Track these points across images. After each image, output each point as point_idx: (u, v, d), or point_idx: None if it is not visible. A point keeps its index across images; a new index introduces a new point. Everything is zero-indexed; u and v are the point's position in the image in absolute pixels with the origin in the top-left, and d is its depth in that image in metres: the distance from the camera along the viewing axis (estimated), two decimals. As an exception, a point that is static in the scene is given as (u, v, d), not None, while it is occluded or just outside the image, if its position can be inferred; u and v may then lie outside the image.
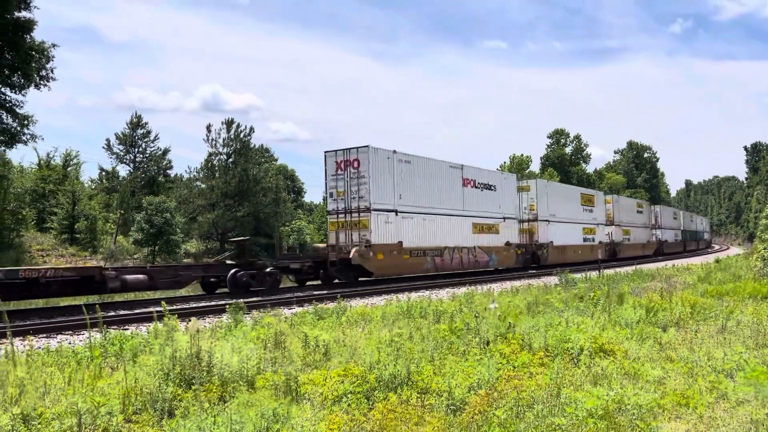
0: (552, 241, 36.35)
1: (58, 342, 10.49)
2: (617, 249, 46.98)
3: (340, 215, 23.70)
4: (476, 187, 29.70)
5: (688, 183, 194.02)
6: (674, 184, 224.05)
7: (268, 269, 20.11)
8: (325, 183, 24.65)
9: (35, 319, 13.67)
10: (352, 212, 23.38)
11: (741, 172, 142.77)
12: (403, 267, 24.54)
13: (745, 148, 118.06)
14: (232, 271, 18.91)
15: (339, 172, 23.85)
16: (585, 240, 41.79)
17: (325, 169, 24.41)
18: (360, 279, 23.64)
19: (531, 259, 34.86)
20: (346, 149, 23.72)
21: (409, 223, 24.85)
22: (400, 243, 24.13)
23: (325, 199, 24.60)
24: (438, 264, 26.37)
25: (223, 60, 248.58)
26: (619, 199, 51.64)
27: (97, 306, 12.49)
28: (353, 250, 22.26)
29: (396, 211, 24.18)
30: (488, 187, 30.78)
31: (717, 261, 30.98)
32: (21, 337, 10.55)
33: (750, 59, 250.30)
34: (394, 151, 24.61)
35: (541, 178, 51.35)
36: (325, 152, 24.54)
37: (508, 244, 31.80)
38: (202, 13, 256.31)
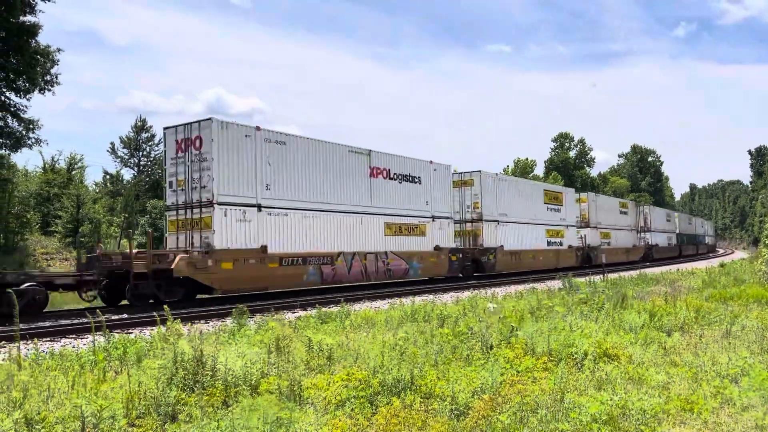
0: (502, 245, 31.15)
1: (62, 345, 10.50)
2: (594, 254, 41.94)
3: (180, 211, 18.36)
4: (392, 179, 24.44)
5: (692, 187, 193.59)
6: (679, 188, 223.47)
7: (22, 285, 14.38)
8: (164, 169, 19.23)
9: (39, 322, 13.69)
10: (193, 207, 18.04)
11: (746, 176, 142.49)
12: (269, 279, 18.95)
13: (750, 152, 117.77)
14: None
15: (179, 154, 18.43)
16: (550, 244, 36.53)
17: (165, 151, 19.09)
18: (199, 297, 18.55)
19: (473, 266, 29.81)
20: (188, 124, 18.42)
21: (279, 222, 19.46)
22: (264, 248, 18.65)
23: (164, 189, 19.06)
24: (328, 274, 21.02)
25: (227, 63, 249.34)
26: (597, 197, 46.50)
27: (97, 311, 12.50)
28: (177, 258, 16.52)
29: (259, 206, 18.75)
30: (410, 179, 25.56)
31: (722, 265, 30.88)
32: (26, 341, 10.57)
33: (755, 63, 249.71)
34: (258, 128, 19.27)
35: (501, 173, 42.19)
36: (165, 128, 19.20)
37: (438, 248, 26.55)
38: (205, 16, 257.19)
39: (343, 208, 22.08)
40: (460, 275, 28.57)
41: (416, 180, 25.99)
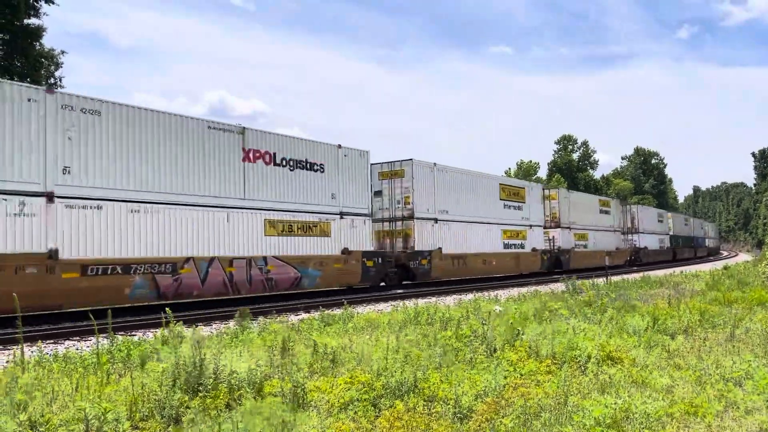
0: (440, 248, 26.62)
1: (65, 348, 10.53)
2: (565, 258, 37.54)
3: None
4: (278, 165, 19.67)
5: (696, 189, 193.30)
6: (682, 191, 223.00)
7: None
8: None
9: (43, 324, 13.73)
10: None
11: (749, 178, 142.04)
12: (62, 296, 14.25)
13: (753, 155, 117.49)
14: None
15: None
16: (508, 246, 31.95)
17: None
18: None
19: (399, 273, 25.11)
20: None
21: (87, 218, 14.80)
22: (51, 252, 13.95)
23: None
24: (167, 287, 16.27)
25: (230, 65, 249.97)
26: (571, 194, 41.75)
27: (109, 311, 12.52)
28: None
29: (50, 195, 14.10)
30: (307, 166, 20.71)
31: (725, 268, 30.80)
32: (29, 343, 10.61)
33: (758, 65, 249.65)
34: (51, 89, 15.19)
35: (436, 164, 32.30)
36: None
37: (347, 251, 21.77)
38: (207, 18, 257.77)
39: (198, 201, 17.24)
40: (383, 284, 24.23)
41: (317, 168, 21.03)
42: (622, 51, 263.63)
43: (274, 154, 19.75)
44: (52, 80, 32.61)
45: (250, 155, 18.96)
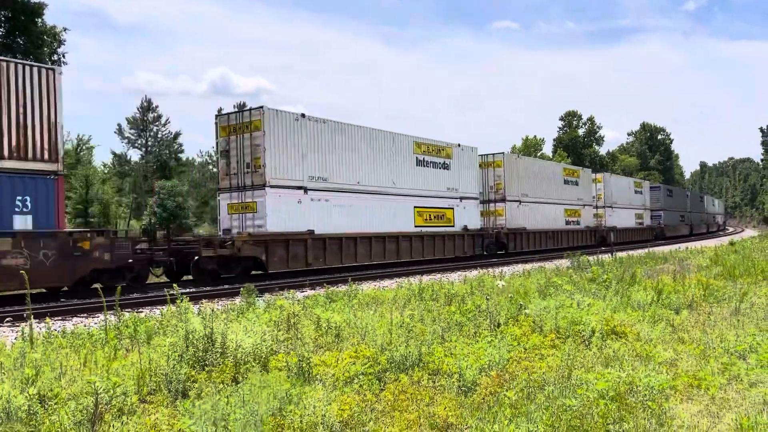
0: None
1: (73, 324, 10.63)
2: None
3: None
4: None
5: (702, 165, 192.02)
6: (689, 167, 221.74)
7: None
8: None
9: (51, 302, 13.85)
10: None
11: (757, 153, 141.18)
12: None
13: (761, 130, 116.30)
14: None
15: None
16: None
17: None
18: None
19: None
20: None
21: None
22: None
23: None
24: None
25: (233, 44, 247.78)
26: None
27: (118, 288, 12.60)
28: None
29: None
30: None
31: (731, 243, 30.72)
32: (38, 320, 10.70)
33: (766, 39, 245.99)
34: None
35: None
36: None
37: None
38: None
39: None
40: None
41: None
42: (630, 25, 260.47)
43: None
44: (55, 57, 32.44)
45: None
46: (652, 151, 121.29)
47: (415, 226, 25.05)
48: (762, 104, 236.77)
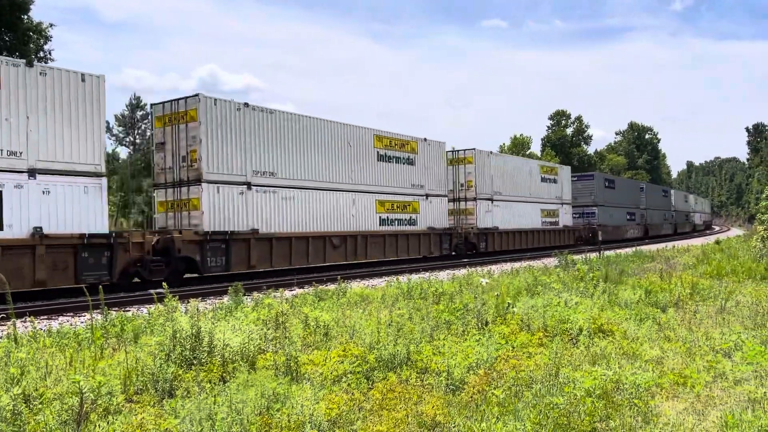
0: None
1: (59, 323, 10.53)
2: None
3: None
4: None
5: (689, 164, 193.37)
6: (676, 166, 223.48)
7: None
8: None
9: (37, 301, 13.72)
10: None
11: (742, 153, 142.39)
12: None
13: (747, 129, 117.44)
14: None
15: None
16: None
17: None
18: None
19: None
20: None
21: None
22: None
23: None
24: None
25: (222, 41, 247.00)
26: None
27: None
28: None
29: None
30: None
31: (717, 242, 30.95)
32: (23, 319, 10.60)
33: (753, 39, 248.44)
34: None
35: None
36: None
37: None
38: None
39: None
40: None
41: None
42: (618, 24, 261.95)
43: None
44: (41, 54, 32.13)
45: None
46: (639, 150, 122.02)
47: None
48: (748, 104, 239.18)
